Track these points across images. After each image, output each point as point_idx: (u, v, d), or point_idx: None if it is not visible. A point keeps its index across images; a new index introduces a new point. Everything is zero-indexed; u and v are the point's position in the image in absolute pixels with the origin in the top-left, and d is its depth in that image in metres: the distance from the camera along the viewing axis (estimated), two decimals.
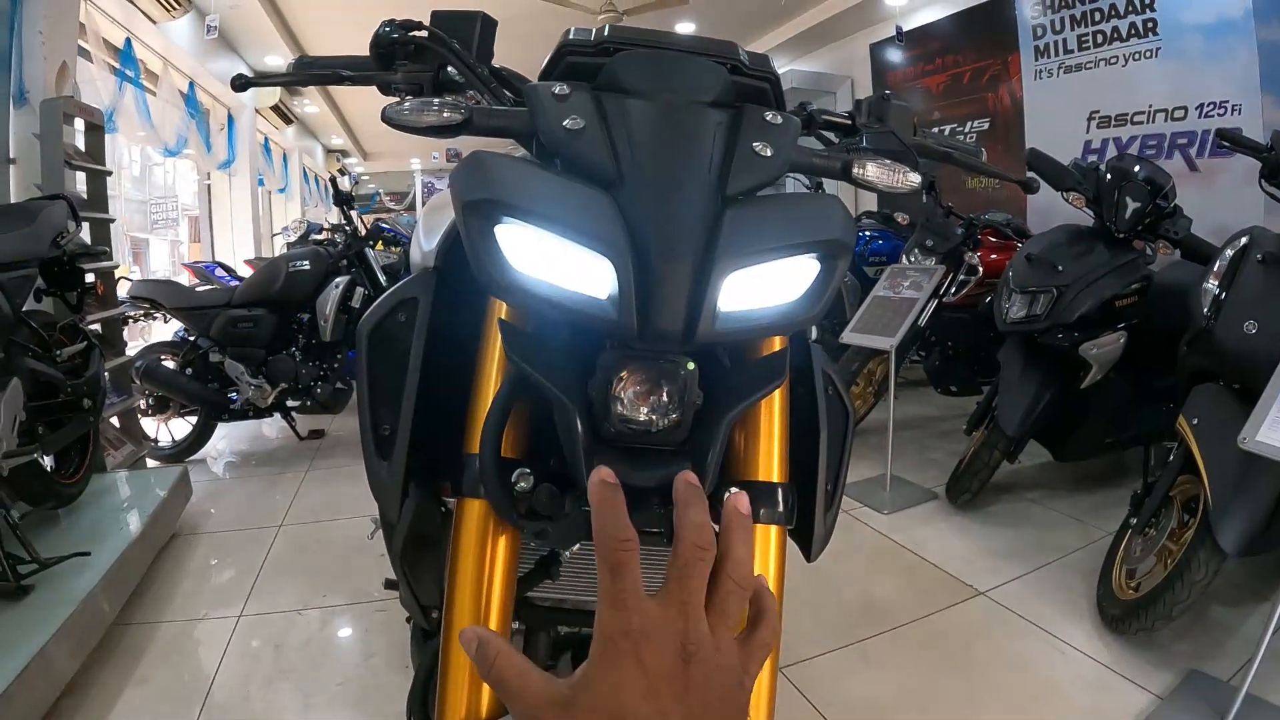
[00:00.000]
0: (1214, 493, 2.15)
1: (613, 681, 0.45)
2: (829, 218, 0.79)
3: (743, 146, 0.80)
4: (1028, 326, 3.20)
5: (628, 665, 0.45)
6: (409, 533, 0.98)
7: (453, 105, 0.82)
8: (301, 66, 1.14)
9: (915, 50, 7.58)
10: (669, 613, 0.47)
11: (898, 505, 3.55)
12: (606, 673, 0.45)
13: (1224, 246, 2.54)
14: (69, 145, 3.64)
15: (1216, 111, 4.97)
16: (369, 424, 0.93)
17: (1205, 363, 2.47)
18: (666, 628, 0.46)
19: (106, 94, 5.91)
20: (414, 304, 0.96)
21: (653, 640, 0.45)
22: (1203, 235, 3.24)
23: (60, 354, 2.75)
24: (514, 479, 0.77)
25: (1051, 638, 2.43)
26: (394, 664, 2.30)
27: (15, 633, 2.01)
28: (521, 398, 0.81)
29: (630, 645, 0.45)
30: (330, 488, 3.98)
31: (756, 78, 0.91)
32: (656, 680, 0.45)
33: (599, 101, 0.81)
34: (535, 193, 0.73)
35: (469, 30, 1.05)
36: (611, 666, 0.45)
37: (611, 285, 0.72)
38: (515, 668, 0.49)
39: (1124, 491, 2.73)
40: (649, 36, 0.89)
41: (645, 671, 0.45)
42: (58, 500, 2.77)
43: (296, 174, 13.68)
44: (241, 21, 7.76)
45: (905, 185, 0.91)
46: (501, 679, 0.49)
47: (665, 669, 0.45)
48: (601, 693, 0.45)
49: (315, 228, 6.42)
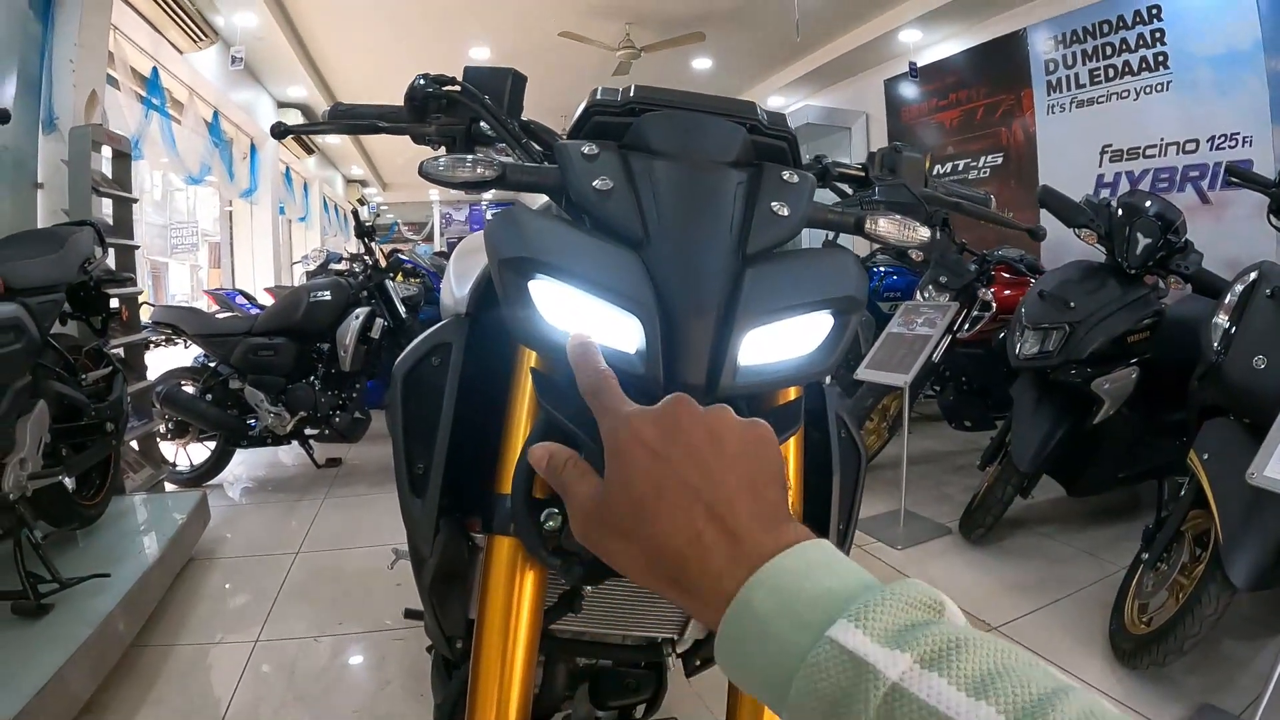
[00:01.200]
0: (1224, 527, 2.16)
1: (625, 464, 0.48)
2: (842, 275, 0.83)
3: (762, 206, 0.84)
4: (1040, 363, 3.21)
5: (631, 445, 0.49)
6: (438, 567, 1.01)
7: (486, 162, 0.86)
8: (337, 115, 1.18)
9: (929, 86, 7.64)
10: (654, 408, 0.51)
11: (911, 540, 3.55)
12: (617, 460, 0.49)
13: (1234, 281, 2.55)
14: (96, 172, 3.70)
15: (1228, 144, 5.00)
16: (404, 462, 0.96)
17: (1215, 397, 2.48)
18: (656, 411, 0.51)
19: (133, 121, 6.01)
20: (447, 349, 0.99)
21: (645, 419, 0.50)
22: (1215, 267, 3.25)
23: (86, 378, 2.79)
24: (543, 518, 0.80)
25: (1064, 672, 2.42)
26: (410, 692, 2.32)
27: (34, 652, 2.04)
28: (551, 441, 0.85)
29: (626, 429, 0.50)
30: (347, 516, 4.00)
31: (774, 137, 0.95)
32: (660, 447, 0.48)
33: (626, 162, 0.85)
34: (568, 251, 0.77)
35: (500, 86, 1.10)
36: (619, 452, 0.49)
37: (639, 340, 0.76)
38: (580, 471, 0.53)
39: (1137, 525, 2.73)
40: (672, 97, 0.93)
41: (647, 445, 0.48)
42: (78, 521, 2.80)
43: (317, 203, 13.81)
44: (266, 53, 7.89)
45: (915, 240, 0.95)
46: (566, 484, 0.53)
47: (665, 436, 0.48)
48: (621, 478, 0.48)
49: (335, 257, 6.50)
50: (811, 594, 0.39)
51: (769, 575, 0.41)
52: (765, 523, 0.44)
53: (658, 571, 0.46)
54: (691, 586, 0.44)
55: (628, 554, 0.47)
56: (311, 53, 8.49)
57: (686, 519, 0.45)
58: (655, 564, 0.46)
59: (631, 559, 0.47)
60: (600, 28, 7.57)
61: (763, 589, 0.40)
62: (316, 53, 8.53)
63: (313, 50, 8.43)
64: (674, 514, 0.45)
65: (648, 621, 1.11)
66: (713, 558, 0.43)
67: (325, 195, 14.92)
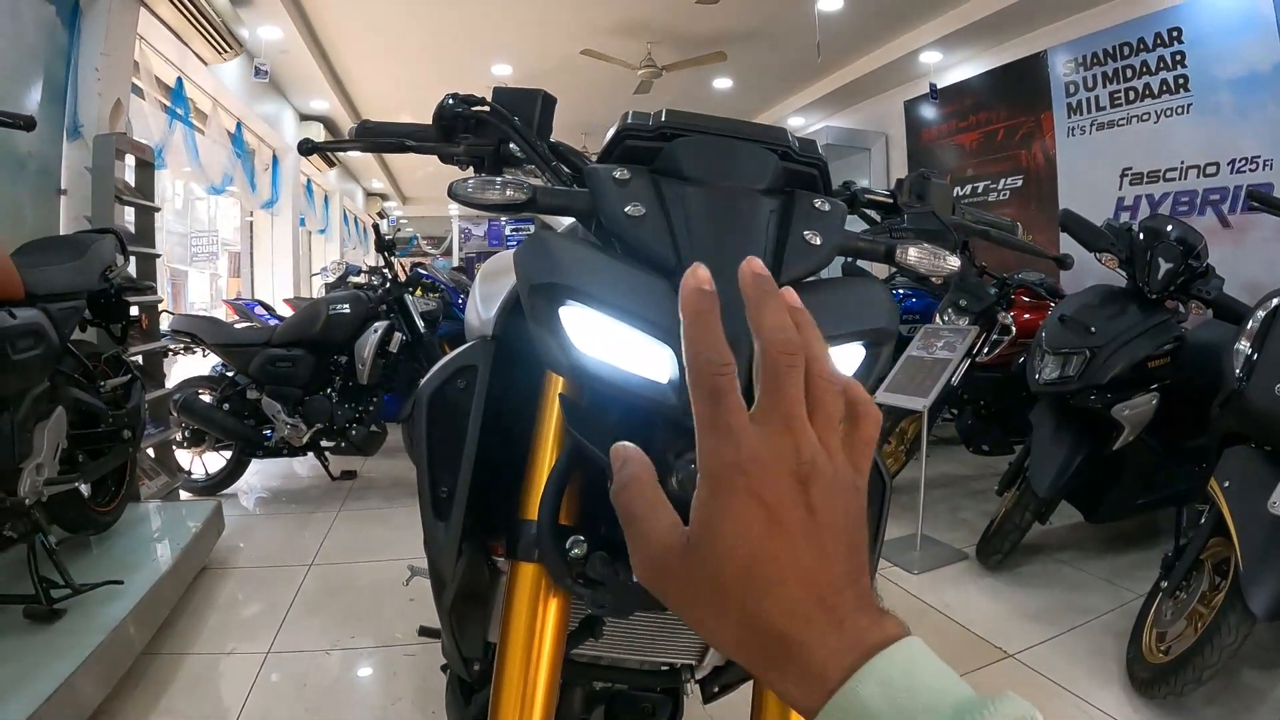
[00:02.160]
0: (1244, 556, 2.13)
1: (733, 521, 0.40)
2: (874, 306, 0.83)
3: (794, 235, 0.83)
4: (1060, 388, 3.19)
5: (744, 500, 0.40)
6: (459, 590, 1.00)
7: (516, 184, 0.86)
8: (365, 133, 1.18)
9: (949, 107, 7.63)
10: (773, 433, 0.40)
11: (928, 565, 3.52)
12: (724, 513, 0.40)
13: (1256, 307, 2.53)
14: (119, 180, 3.75)
15: (1248, 167, 4.98)
16: (428, 485, 0.96)
17: (1237, 424, 2.45)
18: (775, 451, 0.40)
19: (157, 131, 6.05)
20: (473, 371, 0.99)
21: (765, 467, 0.40)
22: (1235, 291, 3.24)
23: (104, 385, 2.81)
24: (568, 545, 0.79)
25: (1081, 701, 2.40)
26: (421, 708, 2.31)
27: (45, 657, 2.04)
28: (578, 467, 0.85)
29: (742, 478, 0.40)
30: (362, 529, 4.01)
31: (806, 164, 0.94)
32: (777, 511, 0.39)
33: (658, 187, 0.85)
34: (599, 278, 0.76)
35: (530, 107, 1.10)
36: (727, 505, 0.40)
37: (672, 370, 0.75)
38: (647, 499, 0.43)
39: (1156, 553, 2.70)
40: (704, 123, 0.92)
41: (764, 504, 0.39)
42: (93, 527, 2.82)
43: (337, 216, 13.89)
44: (290, 66, 7.94)
45: (945, 270, 0.94)
46: (635, 512, 0.43)
47: (784, 497, 0.40)
48: (724, 534, 0.40)
49: (354, 269, 6.54)
50: (921, 695, 0.37)
51: (878, 668, 0.38)
52: (869, 609, 0.40)
53: (751, 648, 0.40)
54: (788, 668, 0.39)
55: (716, 623, 0.41)
56: (335, 66, 8.54)
57: (800, 602, 0.39)
58: (750, 641, 0.40)
59: (721, 629, 0.41)
60: (622, 46, 7.59)
61: (871, 682, 0.37)
62: (340, 66, 8.58)
63: (336, 64, 8.49)
64: (788, 594, 0.39)
65: (667, 648, 1.10)
66: (818, 645, 0.39)
67: (345, 208, 15.00)
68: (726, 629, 0.41)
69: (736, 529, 0.40)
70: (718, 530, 0.40)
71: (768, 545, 0.39)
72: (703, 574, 0.40)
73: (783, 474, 0.40)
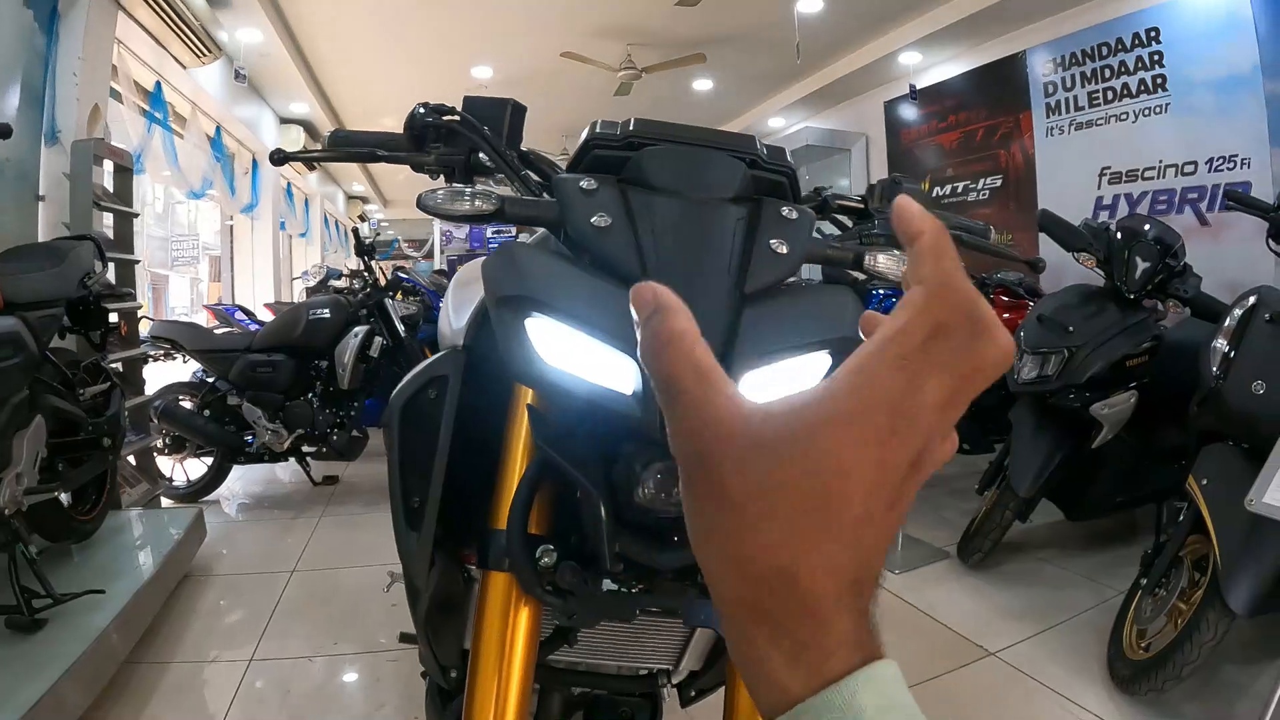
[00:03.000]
0: (1223, 553, 2.15)
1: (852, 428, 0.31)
2: (841, 314, 0.83)
3: (761, 244, 0.83)
4: (1039, 387, 3.21)
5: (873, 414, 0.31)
6: (433, 598, 1.00)
7: (484, 195, 0.86)
8: (337, 143, 1.18)
9: (929, 108, 7.68)
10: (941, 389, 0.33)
11: (909, 564, 3.54)
12: (846, 416, 0.32)
13: (1233, 305, 2.56)
14: (98, 186, 3.71)
15: (1226, 166, 5.02)
16: (399, 495, 0.96)
17: (1214, 422, 2.47)
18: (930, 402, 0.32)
19: (135, 135, 6.00)
20: (444, 381, 0.99)
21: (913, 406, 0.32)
22: (1214, 290, 3.27)
23: (84, 393, 2.79)
24: (538, 555, 0.79)
25: (1062, 699, 2.41)
26: (404, 714, 2.30)
27: (27, 668, 2.03)
28: (548, 477, 0.85)
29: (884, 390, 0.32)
30: (344, 534, 3.99)
31: (774, 171, 0.94)
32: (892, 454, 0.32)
33: (625, 197, 0.84)
34: (564, 290, 0.76)
35: (499, 116, 1.10)
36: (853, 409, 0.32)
37: (636, 382, 0.75)
38: (695, 363, 0.34)
39: (1136, 550, 2.73)
40: (672, 131, 0.92)
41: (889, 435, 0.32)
42: (74, 536, 2.80)
43: (318, 219, 13.82)
44: (269, 69, 7.91)
45: None
46: (671, 372, 0.34)
47: (906, 446, 0.32)
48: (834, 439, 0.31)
49: (334, 273, 6.51)
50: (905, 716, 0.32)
51: (878, 677, 0.32)
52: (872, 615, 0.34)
53: (760, 589, 0.32)
54: (784, 638, 0.32)
55: (739, 539, 0.32)
56: (315, 69, 8.51)
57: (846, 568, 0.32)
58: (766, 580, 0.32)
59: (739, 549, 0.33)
60: (602, 48, 7.59)
61: (870, 691, 0.32)
62: (320, 69, 8.55)
63: (316, 67, 8.46)
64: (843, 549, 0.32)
65: (644, 653, 1.10)
66: (835, 625, 0.32)
67: (326, 211, 14.93)
68: (744, 555, 0.33)
69: (851, 437, 0.31)
70: (825, 429, 0.32)
71: (870, 478, 0.32)
72: (778, 474, 0.32)
73: (918, 407, 0.32)
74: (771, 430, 0.32)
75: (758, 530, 0.32)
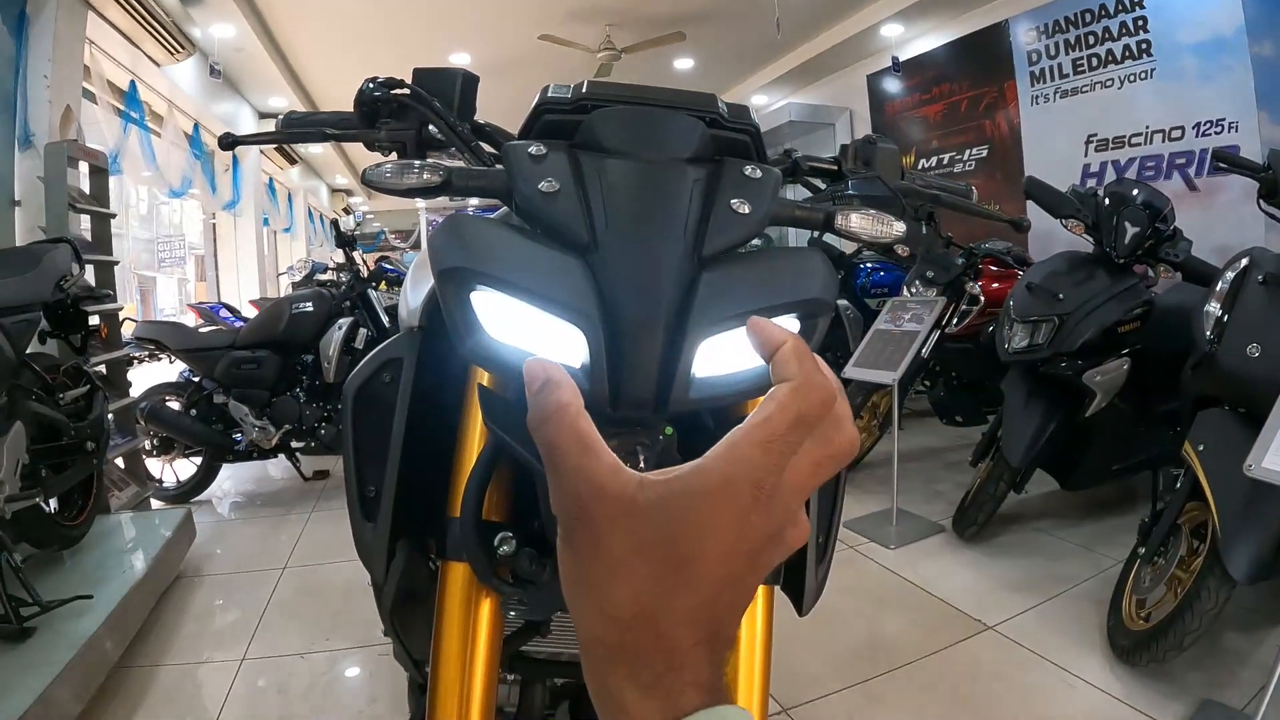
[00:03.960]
0: (1222, 519, 2.12)
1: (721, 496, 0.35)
2: (807, 275, 0.78)
3: (720, 204, 0.79)
4: (1030, 356, 3.19)
5: (738, 484, 0.35)
6: (398, 591, 0.97)
7: (432, 167, 0.82)
8: (288, 124, 1.15)
9: (912, 80, 7.63)
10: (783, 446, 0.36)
11: (904, 539, 3.52)
12: (715, 486, 0.35)
13: (1225, 268, 2.53)
14: (73, 188, 3.67)
15: (1213, 130, 4.99)
16: (354, 485, 0.92)
17: (1209, 387, 2.45)
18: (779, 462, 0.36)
19: (111, 136, 5.95)
20: (399, 364, 0.95)
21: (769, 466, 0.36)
22: (1204, 254, 3.24)
23: (64, 397, 2.76)
24: (496, 542, 0.76)
25: (1062, 671, 2.40)
26: (398, 709, 2.28)
27: (18, 675, 2.01)
28: (503, 461, 0.81)
29: (749, 461, 0.36)
30: (335, 529, 3.94)
31: (736, 130, 0.90)
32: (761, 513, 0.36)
33: (576, 161, 0.80)
34: (509, 260, 0.72)
35: (450, 88, 1.06)
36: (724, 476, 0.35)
37: (583, 355, 0.71)
38: (579, 435, 0.37)
39: (1134, 518, 2.71)
40: (625, 92, 0.89)
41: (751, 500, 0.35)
42: (61, 542, 2.77)
43: (301, 213, 13.78)
44: (245, 64, 7.84)
45: (889, 235, 0.90)
46: (555, 443, 0.37)
47: (771, 506, 0.36)
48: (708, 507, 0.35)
49: (320, 267, 6.47)
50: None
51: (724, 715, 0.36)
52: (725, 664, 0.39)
53: (628, 633, 0.36)
54: (644, 674, 0.36)
55: (612, 592, 0.36)
56: (291, 62, 8.45)
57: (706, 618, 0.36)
58: (634, 627, 0.36)
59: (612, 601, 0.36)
60: (580, 30, 7.54)
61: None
62: (296, 62, 8.49)
63: (292, 60, 8.39)
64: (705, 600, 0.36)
65: None
66: (692, 667, 0.36)
67: (310, 205, 14.88)
68: (613, 601, 0.36)
69: (716, 505, 0.35)
70: (694, 498, 0.36)
71: (730, 542, 0.36)
72: (649, 533, 0.36)
73: (778, 485, 0.36)
74: (645, 497, 0.36)
75: (627, 581, 0.36)
